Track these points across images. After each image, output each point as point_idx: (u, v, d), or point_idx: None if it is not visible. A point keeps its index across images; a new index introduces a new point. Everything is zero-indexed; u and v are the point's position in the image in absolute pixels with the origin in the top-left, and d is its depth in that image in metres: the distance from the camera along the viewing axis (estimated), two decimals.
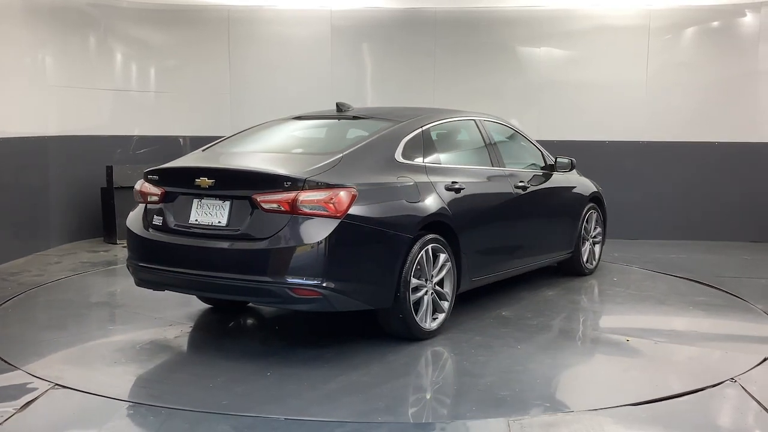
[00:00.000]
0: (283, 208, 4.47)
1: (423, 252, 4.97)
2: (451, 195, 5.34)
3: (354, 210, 4.55)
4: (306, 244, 4.43)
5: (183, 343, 5.14)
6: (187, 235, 4.81)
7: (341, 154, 4.85)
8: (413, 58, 9.74)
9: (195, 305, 5.90)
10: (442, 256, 5.17)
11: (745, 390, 4.20)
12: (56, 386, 4.18)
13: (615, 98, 9.54)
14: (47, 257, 8.00)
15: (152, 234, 4.98)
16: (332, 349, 4.90)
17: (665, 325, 5.79)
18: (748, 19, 9.32)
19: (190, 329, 5.42)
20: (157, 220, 4.97)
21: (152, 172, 5.10)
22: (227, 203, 4.69)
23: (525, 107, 9.66)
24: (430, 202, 5.12)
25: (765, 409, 3.94)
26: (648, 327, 5.71)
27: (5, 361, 4.60)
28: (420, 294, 5.00)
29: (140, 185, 5.17)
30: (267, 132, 5.88)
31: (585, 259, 7.21)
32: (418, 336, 5.01)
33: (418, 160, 5.31)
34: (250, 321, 5.80)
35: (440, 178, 5.35)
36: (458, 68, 9.68)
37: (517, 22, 9.64)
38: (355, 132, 5.54)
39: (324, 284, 4.45)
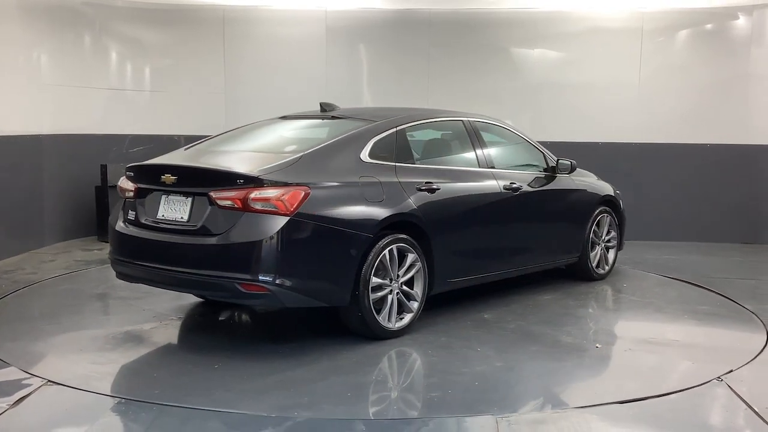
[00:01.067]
0: (235, 205, 4.58)
1: (386, 251, 4.99)
2: (424, 195, 5.33)
3: (306, 208, 4.60)
4: (254, 241, 4.51)
5: (154, 336, 5.23)
6: (155, 229, 4.97)
7: (301, 154, 4.93)
8: (408, 58, 9.77)
9: (189, 298, 5.99)
10: (411, 256, 5.18)
11: (731, 389, 4.25)
12: (49, 383, 4.21)
13: (609, 100, 9.60)
14: (41, 255, 8.02)
15: (126, 228, 5.16)
16: (295, 345, 5.00)
17: (649, 333, 5.52)
18: (741, 22, 9.39)
19: (171, 322, 5.56)
20: (131, 215, 5.15)
21: (129, 169, 5.29)
22: (189, 199, 4.83)
23: (519, 108, 9.70)
24: (396, 202, 5.12)
25: (750, 406, 3.99)
26: (629, 335, 5.57)
27: None
28: (382, 293, 5.02)
29: (121, 181, 5.35)
30: (249, 131, 5.98)
31: (595, 264, 7.05)
32: (381, 335, 5.04)
33: (389, 161, 5.32)
34: (236, 315, 5.84)
35: (412, 178, 5.35)
36: (453, 69, 9.72)
37: (512, 23, 9.68)
38: (328, 132, 5.55)
39: (271, 280, 4.53)
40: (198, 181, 4.87)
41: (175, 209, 4.89)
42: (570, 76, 9.66)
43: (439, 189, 5.46)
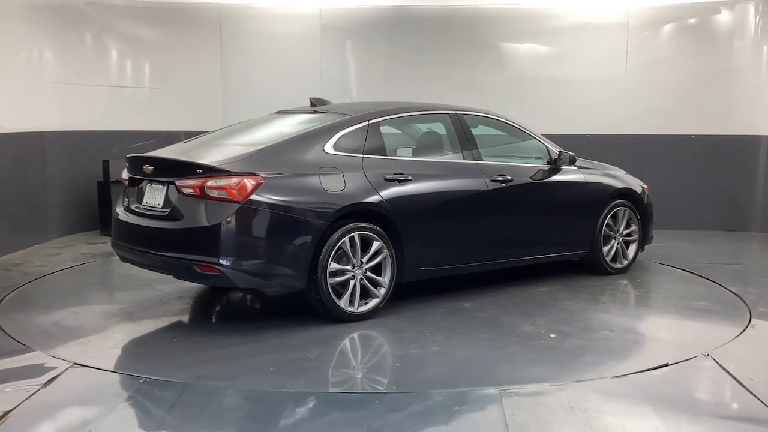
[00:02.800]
0: (195, 193, 4.99)
1: (346, 239, 5.25)
2: (392, 186, 5.52)
3: (258, 196, 4.93)
4: (208, 225, 4.92)
5: (150, 314, 5.68)
6: (141, 215, 5.41)
7: (263, 146, 5.28)
8: (401, 54, 10.02)
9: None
10: (376, 244, 5.41)
11: (718, 363, 4.54)
12: (74, 365, 4.44)
13: (595, 93, 9.88)
14: (47, 249, 8.20)
15: (122, 214, 5.61)
16: (261, 325, 5.41)
17: (622, 325, 5.46)
18: (723, 16, 9.69)
19: (171, 301, 5.98)
20: (126, 202, 5.63)
21: (126, 160, 5.77)
22: (164, 188, 5.26)
23: (509, 102, 9.94)
24: (358, 192, 5.35)
25: (735, 378, 4.29)
26: (598, 327, 5.37)
27: (22, 344, 4.86)
28: (343, 278, 5.28)
29: (123, 171, 5.82)
30: (242, 126, 6.25)
31: (610, 258, 6.94)
32: (342, 318, 5.30)
33: (356, 153, 5.54)
34: (238, 297, 6.19)
35: (381, 169, 5.54)
36: (445, 64, 9.97)
37: (501, 19, 9.94)
38: (304, 126, 5.76)
39: (222, 262, 4.90)
40: (169, 171, 5.28)
41: (154, 197, 5.34)
42: (558, 70, 9.94)
43: (410, 180, 5.64)
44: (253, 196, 4.91)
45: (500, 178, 6.19)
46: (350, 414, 3.83)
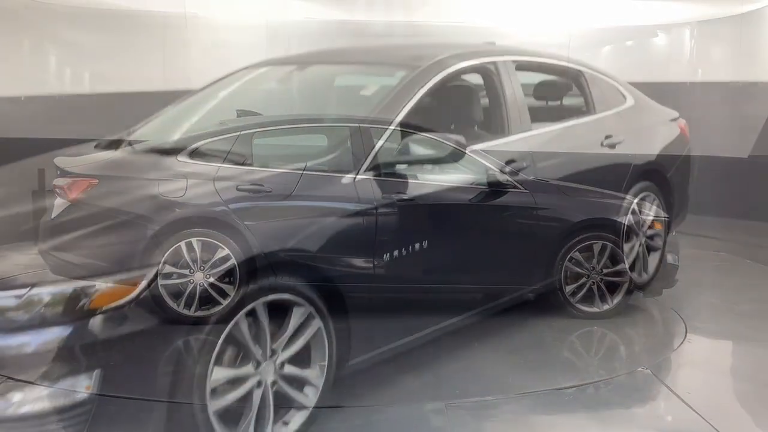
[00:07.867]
0: (54, 192, 5.25)
1: (183, 244, 5.31)
2: (242, 195, 5.26)
3: (87, 196, 5.09)
4: (48, 220, 5.16)
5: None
6: None
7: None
8: None
9: None
10: (221, 252, 5.40)
11: (656, 376, 4.66)
12: (8, 379, 4.29)
13: None
14: None
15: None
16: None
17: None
18: (660, 39, 10.00)
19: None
20: None
21: None
22: None
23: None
24: (199, 200, 5.22)
25: (673, 392, 4.41)
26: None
27: None
28: (178, 281, 5.31)
29: None
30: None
31: (577, 300, 6.09)
32: (178, 320, 5.27)
33: (213, 162, 5.37)
34: None
35: (236, 180, 5.32)
36: None
37: (446, 36, 10.06)
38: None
39: (51, 255, 5.11)
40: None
41: None
42: None
43: (270, 192, 5.36)
44: (81, 196, 5.07)
45: (395, 197, 5.56)
46: None
